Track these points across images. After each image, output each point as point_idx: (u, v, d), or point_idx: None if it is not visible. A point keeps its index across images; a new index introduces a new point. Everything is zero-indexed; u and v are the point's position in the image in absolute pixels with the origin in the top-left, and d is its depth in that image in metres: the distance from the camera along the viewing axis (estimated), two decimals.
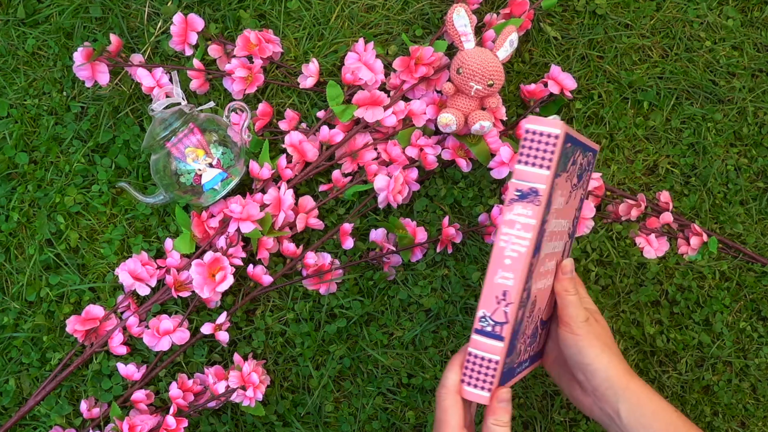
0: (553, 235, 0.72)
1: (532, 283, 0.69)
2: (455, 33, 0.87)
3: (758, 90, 0.96)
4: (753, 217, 0.95)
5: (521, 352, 0.73)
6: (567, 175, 0.70)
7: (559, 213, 0.71)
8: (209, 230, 0.90)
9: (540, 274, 0.71)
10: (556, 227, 0.72)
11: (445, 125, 0.86)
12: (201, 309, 0.92)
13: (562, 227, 0.75)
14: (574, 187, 0.74)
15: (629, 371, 0.74)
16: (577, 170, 0.73)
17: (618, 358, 0.74)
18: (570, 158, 0.70)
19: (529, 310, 0.71)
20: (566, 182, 0.70)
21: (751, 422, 0.92)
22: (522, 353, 0.74)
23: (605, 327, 0.77)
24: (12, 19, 0.95)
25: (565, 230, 0.77)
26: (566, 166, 0.69)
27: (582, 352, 0.73)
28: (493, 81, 0.85)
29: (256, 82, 0.92)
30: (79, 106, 0.94)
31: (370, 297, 0.92)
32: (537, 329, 0.77)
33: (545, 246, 0.70)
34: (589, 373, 0.74)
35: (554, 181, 0.66)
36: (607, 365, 0.73)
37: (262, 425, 0.91)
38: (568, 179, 0.71)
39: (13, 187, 0.94)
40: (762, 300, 0.93)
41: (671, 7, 0.97)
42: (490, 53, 0.86)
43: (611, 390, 0.72)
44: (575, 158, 0.71)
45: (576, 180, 0.74)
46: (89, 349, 0.89)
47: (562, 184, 0.70)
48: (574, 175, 0.73)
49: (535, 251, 0.67)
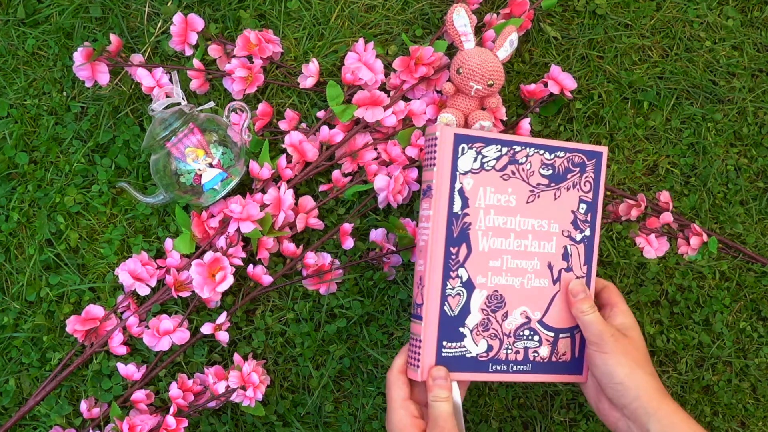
0: (513, 233, 0.77)
1: (490, 277, 0.76)
2: (455, 33, 0.87)
3: (758, 90, 0.96)
4: (753, 217, 0.95)
5: (497, 348, 0.77)
6: (500, 174, 0.76)
7: (510, 211, 0.76)
8: (209, 230, 0.90)
9: (508, 270, 0.77)
10: (516, 225, 0.77)
11: (445, 125, 0.86)
12: (201, 309, 0.92)
13: (541, 227, 0.78)
14: (540, 187, 0.78)
15: (662, 390, 0.73)
16: (531, 170, 0.78)
17: (650, 376, 0.73)
18: (495, 158, 0.76)
19: (495, 305, 0.77)
20: (505, 180, 0.76)
21: (751, 422, 0.92)
22: (500, 350, 0.77)
23: (638, 343, 0.76)
24: (12, 19, 0.95)
25: (553, 232, 0.78)
26: (484, 165, 0.76)
27: (611, 371, 0.73)
28: (493, 81, 0.85)
29: (256, 82, 0.92)
30: (79, 106, 0.94)
31: (370, 297, 0.92)
32: (535, 332, 0.78)
33: (493, 241, 0.76)
34: (618, 392, 0.73)
35: (458, 177, 0.75)
36: (639, 384, 0.72)
37: (262, 425, 0.91)
38: (509, 178, 0.76)
39: (13, 187, 0.94)
40: (762, 300, 0.93)
41: (671, 7, 0.97)
42: (490, 53, 0.86)
43: (642, 409, 0.72)
44: (513, 158, 0.77)
45: (541, 179, 0.78)
46: (89, 349, 0.89)
47: (495, 182, 0.76)
48: (528, 174, 0.77)
49: (455, 242, 0.75)
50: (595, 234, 0.80)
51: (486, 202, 0.76)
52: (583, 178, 0.80)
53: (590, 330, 0.75)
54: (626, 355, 0.73)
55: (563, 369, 0.79)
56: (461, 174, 0.76)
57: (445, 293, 0.76)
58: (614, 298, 0.79)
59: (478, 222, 0.76)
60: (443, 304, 0.76)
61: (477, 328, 0.77)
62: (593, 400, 0.78)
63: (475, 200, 0.76)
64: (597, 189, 0.80)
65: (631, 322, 0.77)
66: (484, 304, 0.77)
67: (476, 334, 0.77)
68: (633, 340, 0.75)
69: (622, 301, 0.79)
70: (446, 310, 0.76)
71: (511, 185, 0.77)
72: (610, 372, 0.73)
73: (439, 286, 0.75)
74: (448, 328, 0.76)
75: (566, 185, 0.79)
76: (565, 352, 0.79)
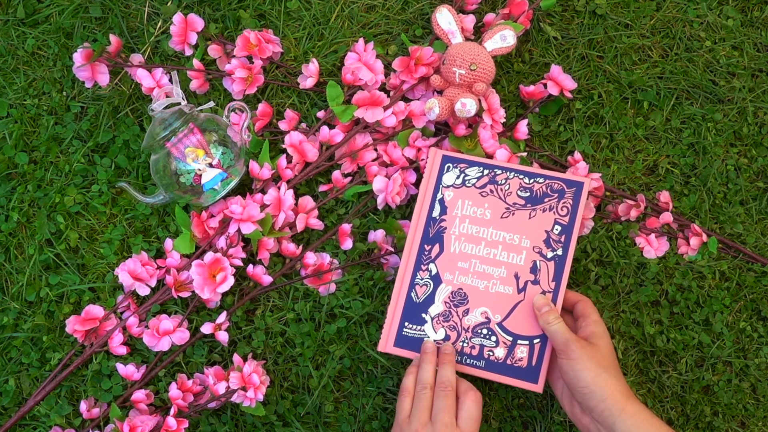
0: (484, 241, 0.86)
1: (457, 275, 0.85)
2: (441, 32, 0.89)
3: (758, 90, 0.96)
4: (753, 217, 0.95)
5: (454, 339, 0.84)
6: (479, 191, 0.87)
7: (484, 222, 0.86)
8: (209, 230, 0.90)
9: (475, 273, 0.85)
10: (488, 236, 0.86)
11: (429, 109, 0.88)
12: (201, 309, 0.92)
13: (512, 240, 0.85)
14: (516, 206, 0.86)
15: (627, 393, 0.77)
16: (509, 190, 0.87)
17: (616, 379, 0.77)
18: (477, 177, 0.87)
19: (458, 300, 0.85)
20: (483, 197, 0.87)
21: (751, 422, 0.92)
22: (457, 341, 0.84)
23: (604, 350, 0.79)
24: (12, 19, 0.95)
25: (524, 246, 0.85)
26: (465, 182, 0.88)
27: (578, 375, 0.77)
28: (476, 64, 0.86)
29: (256, 82, 0.92)
30: (79, 106, 0.94)
31: (370, 297, 0.91)
32: (493, 333, 0.84)
33: (464, 245, 0.86)
34: (585, 396, 0.77)
35: (440, 189, 0.88)
36: (603, 387, 0.76)
37: (262, 425, 0.91)
38: (486, 195, 0.87)
39: (13, 187, 0.93)
40: (762, 300, 0.93)
41: (671, 7, 0.97)
42: (475, 43, 0.89)
43: (608, 411, 0.75)
44: (494, 179, 0.87)
45: (518, 199, 0.86)
46: (89, 349, 0.89)
47: (473, 197, 0.87)
48: (506, 193, 0.87)
49: (430, 241, 0.86)
50: (567, 254, 0.85)
51: (462, 212, 0.87)
52: (561, 203, 0.86)
53: (557, 338, 0.79)
54: (592, 360, 0.77)
55: (518, 374, 0.83)
56: (444, 187, 0.88)
57: (414, 281, 0.86)
58: (587, 310, 0.83)
59: (453, 227, 0.87)
60: (411, 290, 0.86)
61: (438, 318, 0.85)
62: (567, 407, 0.82)
63: (453, 209, 0.87)
64: (574, 214, 0.86)
65: (601, 330, 0.81)
66: (447, 298, 0.85)
67: (436, 323, 0.85)
68: (599, 347, 0.79)
69: (594, 312, 0.83)
70: (412, 296, 0.86)
71: (488, 201, 0.87)
72: (576, 377, 0.77)
73: (410, 275, 0.86)
74: (411, 312, 0.85)
75: (542, 207, 0.87)
76: (521, 358, 0.83)
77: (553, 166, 0.93)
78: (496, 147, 0.90)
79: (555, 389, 0.84)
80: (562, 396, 0.83)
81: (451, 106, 0.88)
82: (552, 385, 0.85)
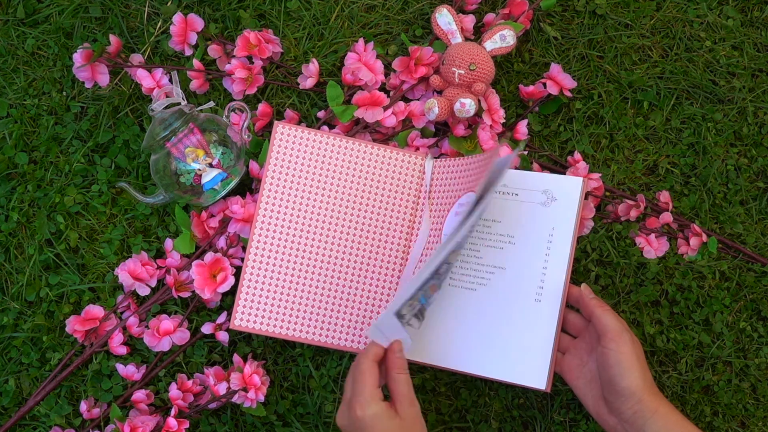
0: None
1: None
2: (441, 32, 0.89)
3: (758, 90, 0.96)
4: (753, 217, 0.95)
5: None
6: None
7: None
8: (209, 230, 0.90)
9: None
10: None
11: (428, 110, 0.88)
12: (201, 309, 0.92)
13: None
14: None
15: (657, 393, 0.75)
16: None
17: (650, 379, 0.75)
18: None
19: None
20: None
21: (751, 422, 0.92)
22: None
23: (639, 346, 0.77)
24: (12, 19, 0.95)
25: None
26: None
27: (623, 373, 0.74)
28: (475, 64, 0.86)
29: (256, 82, 0.92)
30: (79, 106, 0.94)
31: None
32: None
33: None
34: (622, 396, 0.74)
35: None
36: (644, 389, 0.74)
37: (262, 425, 0.91)
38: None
39: (12, 187, 0.93)
40: (762, 300, 0.93)
41: (671, 7, 0.97)
42: (475, 44, 0.89)
43: (640, 413, 0.73)
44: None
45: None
46: (89, 349, 0.89)
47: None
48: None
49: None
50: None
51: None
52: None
53: (610, 325, 0.76)
54: (639, 361, 0.75)
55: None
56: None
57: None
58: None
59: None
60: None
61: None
62: (591, 406, 0.79)
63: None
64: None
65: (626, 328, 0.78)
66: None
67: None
68: (638, 344, 0.77)
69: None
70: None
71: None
72: (621, 373, 0.74)
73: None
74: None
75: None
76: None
77: (554, 166, 0.93)
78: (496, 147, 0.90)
79: (576, 387, 0.80)
80: (586, 394, 0.79)
81: (450, 106, 0.88)
82: (572, 382, 0.81)
